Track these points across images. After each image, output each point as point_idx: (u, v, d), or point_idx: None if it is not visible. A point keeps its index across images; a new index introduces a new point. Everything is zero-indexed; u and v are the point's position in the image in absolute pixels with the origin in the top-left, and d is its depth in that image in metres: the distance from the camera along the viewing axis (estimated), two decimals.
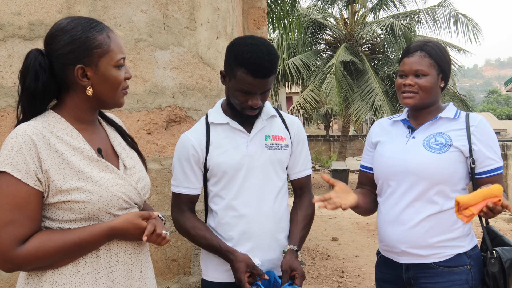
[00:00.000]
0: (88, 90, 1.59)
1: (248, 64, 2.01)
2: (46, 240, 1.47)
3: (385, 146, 2.35)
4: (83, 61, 1.57)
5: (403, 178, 2.21)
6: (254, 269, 2.07)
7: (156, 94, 2.74)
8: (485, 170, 2.16)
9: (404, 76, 2.25)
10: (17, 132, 1.49)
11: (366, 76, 18.91)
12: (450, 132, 2.20)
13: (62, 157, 1.53)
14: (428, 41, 2.28)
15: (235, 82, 2.07)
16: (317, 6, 21.37)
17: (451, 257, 2.17)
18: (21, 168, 1.46)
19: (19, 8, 2.46)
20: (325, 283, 5.54)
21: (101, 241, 1.54)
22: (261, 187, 2.18)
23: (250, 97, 2.08)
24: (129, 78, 1.69)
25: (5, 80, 2.44)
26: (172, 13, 2.76)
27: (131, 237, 1.59)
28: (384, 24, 19.30)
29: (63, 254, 1.49)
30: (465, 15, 20.21)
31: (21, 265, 1.48)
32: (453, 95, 19.21)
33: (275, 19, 8.61)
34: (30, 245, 1.46)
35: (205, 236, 2.15)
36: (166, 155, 2.78)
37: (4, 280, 2.41)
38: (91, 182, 1.55)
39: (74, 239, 1.49)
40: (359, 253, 6.85)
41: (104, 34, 1.61)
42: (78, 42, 1.56)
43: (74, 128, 1.61)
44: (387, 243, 2.30)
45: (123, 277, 1.62)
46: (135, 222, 1.57)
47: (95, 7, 2.60)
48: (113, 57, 1.61)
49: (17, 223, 1.46)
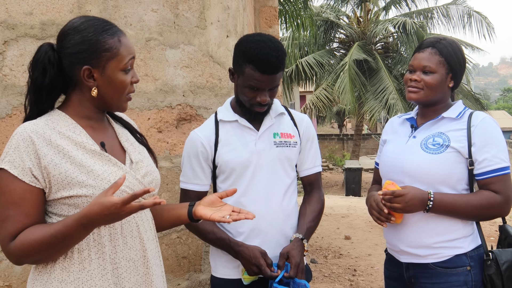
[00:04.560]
0: (93, 91, 1.61)
1: (255, 60, 2.02)
2: (29, 234, 1.49)
3: (389, 145, 2.35)
4: (91, 63, 1.59)
5: (401, 178, 2.21)
6: (266, 256, 2.10)
7: (167, 93, 2.76)
8: (484, 171, 2.10)
9: (412, 71, 2.24)
10: (18, 130, 1.53)
11: (379, 75, 18.82)
12: (450, 133, 2.16)
13: (63, 152, 1.54)
14: (443, 38, 2.25)
15: (243, 79, 2.09)
16: (330, 5, 21.32)
17: (449, 258, 2.13)
18: (17, 165, 1.50)
19: (31, 8, 2.49)
20: (337, 282, 5.53)
21: (76, 231, 1.46)
22: (269, 184, 2.19)
23: (258, 94, 2.09)
24: (136, 82, 1.69)
25: (18, 79, 2.47)
26: (183, 12, 2.78)
27: (110, 218, 1.43)
28: (396, 23, 19.20)
29: (44, 247, 1.48)
30: (479, 13, 20.02)
31: (16, 259, 1.52)
32: (467, 93, 19.05)
33: (288, 17, 8.60)
34: (17, 239, 1.49)
35: (213, 231, 2.16)
36: (176, 153, 2.79)
37: (16, 277, 2.44)
38: (93, 176, 1.55)
39: (51, 231, 1.48)
40: (371, 251, 6.82)
41: (115, 38, 1.62)
42: (88, 43, 1.58)
43: (79, 125, 1.63)
44: (389, 241, 2.31)
45: (128, 273, 1.63)
46: (102, 202, 1.41)
47: (106, 6, 2.62)
48: (121, 61, 1.61)
49: (12, 219, 1.50)
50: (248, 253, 2.09)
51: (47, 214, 1.58)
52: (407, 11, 20.98)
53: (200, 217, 1.76)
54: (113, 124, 1.80)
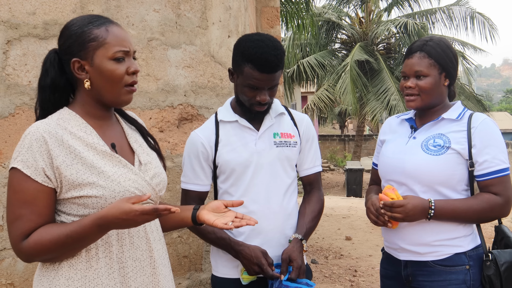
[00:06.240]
0: (85, 83, 1.62)
1: (254, 59, 2.03)
2: (43, 233, 1.51)
3: (388, 145, 2.36)
4: (79, 55, 1.61)
5: (401, 179, 2.21)
6: (267, 255, 2.11)
7: (168, 93, 2.77)
8: (485, 173, 2.11)
9: (406, 78, 2.24)
10: (30, 130, 1.55)
11: (381, 76, 18.80)
12: (450, 134, 2.16)
13: (74, 152, 1.57)
14: (429, 39, 2.24)
15: (242, 78, 2.10)
16: (332, 5, 21.31)
17: (448, 256, 2.14)
18: (30, 165, 1.51)
19: (34, 8, 2.51)
20: (338, 282, 5.54)
21: (92, 232, 1.49)
22: (270, 184, 2.19)
23: (258, 93, 2.10)
24: (135, 73, 1.67)
25: (20, 78, 2.49)
26: (184, 12, 2.79)
27: (126, 223, 1.48)
28: (398, 23, 19.19)
29: (59, 246, 1.51)
30: (482, 14, 19.97)
31: (28, 257, 1.53)
32: (470, 95, 19.04)
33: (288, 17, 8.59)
34: (31, 238, 1.51)
35: (213, 231, 2.17)
36: (178, 153, 2.81)
37: (18, 275, 2.46)
38: (104, 177, 1.57)
39: (66, 232, 1.50)
40: (372, 252, 6.82)
41: (101, 28, 1.62)
42: (74, 36, 1.62)
43: (88, 124, 1.65)
44: (387, 239, 2.31)
45: (134, 273, 1.64)
46: (122, 207, 1.45)
47: (109, 6, 2.64)
48: (109, 49, 1.61)
49: (24, 218, 1.51)
50: (249, 253, 2.10)
51: (57, 212, 1.60)
52: (410, 12, 20.93)
53: (203, 221, 1.77)
54: (122, 124, 1.81)
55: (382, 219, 2.16)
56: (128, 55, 1.66)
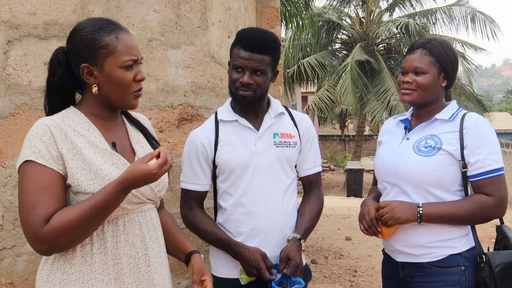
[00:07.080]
0: (93, 88, 1.66)
1: (241, 38, 2.13)
2: (66, 211, 1.53)
3: (383, 147, 2.37)
4: (89, 61, 1.64)
5: (394, 180, 2.22)
6: (266, 258, 2.11)
7: (168, 93, 2.78)
8: (477, 173, 2.10)
9: (405, 73, 2.25)
10: (37, 124, 1.60)
11: (381, 76, 18.79)
12: (442, 135, 2.16)
13: (76, 148, 1.61)
14: (433, 38, 2.25)
15: (231, 62, 2.16)
16: (332, 5, 21.30)
17: (443, 257, 2.14)
18: (44, 154, 1.55)
19: (35, 8, 2.52)
20: (337, 282, 5.55)
21: (116, 197, 1.54)
22: (269, 184, 2.20)
23: (242, 75, 2.13)
24: (142, 80, 1.71)
25: (21, 78, 2.49)
26: (184, 13, 2.80)
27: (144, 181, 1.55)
28: (399, 24, 19.18)
29: (85, 219, 1.52)
30: (482, 13, 19.95)
31: (51, 242, 1.51)
32: (470, 95, 19.03)
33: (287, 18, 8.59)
34: (53, 219, 1.51)
35: (213, 231, 2.18)
36: (177, 153, 2.81)
37: (18, 274, 2.46)
38: (101, 175, 1.61)
39: (90, 203, 1.52)
40: (372, 252, 6.83)
41: (112, 35, 1.65)
42: (85, 42, 1.64)
43: (92, 123, 1.69)
44: (385, 241, 2.31)
45: (128, 269, 1.66)
46: (140, 168, 1.52)
47: (109, 7, 2.64)
48: (119, 58, 1.65)
49: (43, 203, 1.52)
50: (249, 255, 2.11)
51: None
52: (411, 12, 20.91)
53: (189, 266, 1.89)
54: (127, 125, 1.84)
55: (373, 229, 2.20)
56: (136, 62, 1.70)
